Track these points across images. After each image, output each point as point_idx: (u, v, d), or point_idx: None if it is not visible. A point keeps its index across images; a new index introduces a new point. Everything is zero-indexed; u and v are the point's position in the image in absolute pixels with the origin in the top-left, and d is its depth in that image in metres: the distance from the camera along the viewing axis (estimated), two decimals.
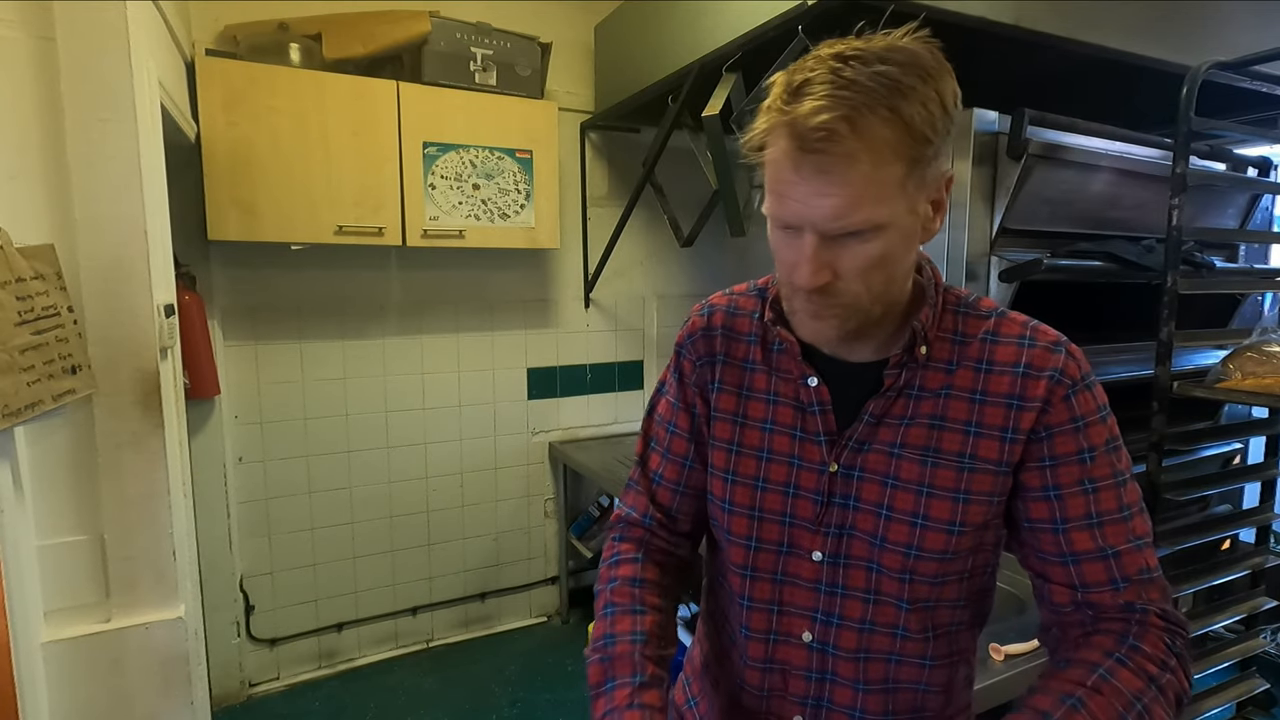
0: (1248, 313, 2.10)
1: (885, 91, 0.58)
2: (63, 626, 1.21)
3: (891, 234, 0.62)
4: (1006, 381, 0.69)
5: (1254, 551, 1.71)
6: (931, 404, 0.71)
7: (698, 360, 0.83)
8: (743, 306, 0.83)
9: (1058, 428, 0.68)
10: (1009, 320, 0.73)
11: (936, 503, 0.70)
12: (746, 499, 0.77)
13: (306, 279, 2.41)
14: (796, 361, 0.75)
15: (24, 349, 1.04)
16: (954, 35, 1.56)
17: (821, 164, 0.58)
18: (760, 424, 0.78)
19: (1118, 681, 0.62)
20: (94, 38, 1.16)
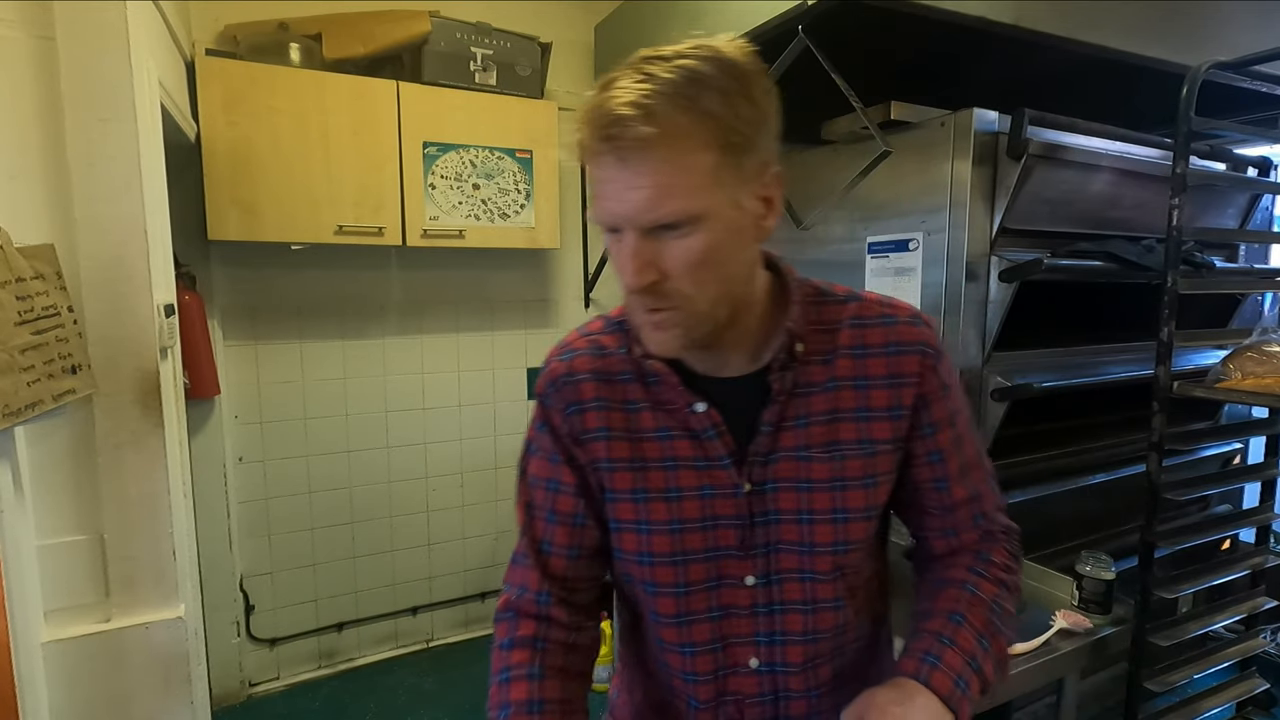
0: (1248, 313, 2.10)
1: (681, 81, 0.58)
2: (63, 626, 1.21)
3: (713, 227, 0.61)
4: (883, 363, 0.72)
5: (1254, 551, 1.71)
6: (823, 399, 0.72)
7: (566, 409, 0.75)
8: (606, 345, 0.76)
9: (931, 396, 0.74)
10: (866, 302, 0.75)
11: (851, 494, 0.72)
12: (666, 545, 0.72)
13: (306, 279, 2.41)
14: (678, 390, 0.71)
15: (24, 349, 1.04)
16: (954, 35, 1.58)
17: (621, 154, 0.58)
18: (660, 463, 0.73)
19: (982, 592, 0.74)
20: (94, 38, 1.16)
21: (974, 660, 0.69)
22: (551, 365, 0.78)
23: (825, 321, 0.74)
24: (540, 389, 0.78)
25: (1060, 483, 1.80)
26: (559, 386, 0.76)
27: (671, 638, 0.74)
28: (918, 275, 1.75)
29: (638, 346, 0.72)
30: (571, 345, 0.78)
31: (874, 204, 1.87)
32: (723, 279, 0.65)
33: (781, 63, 1.56)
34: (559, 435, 0.76)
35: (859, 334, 0.73)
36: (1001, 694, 1.24)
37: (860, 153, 1.76)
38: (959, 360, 1.67)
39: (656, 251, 0.61)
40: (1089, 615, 1.37)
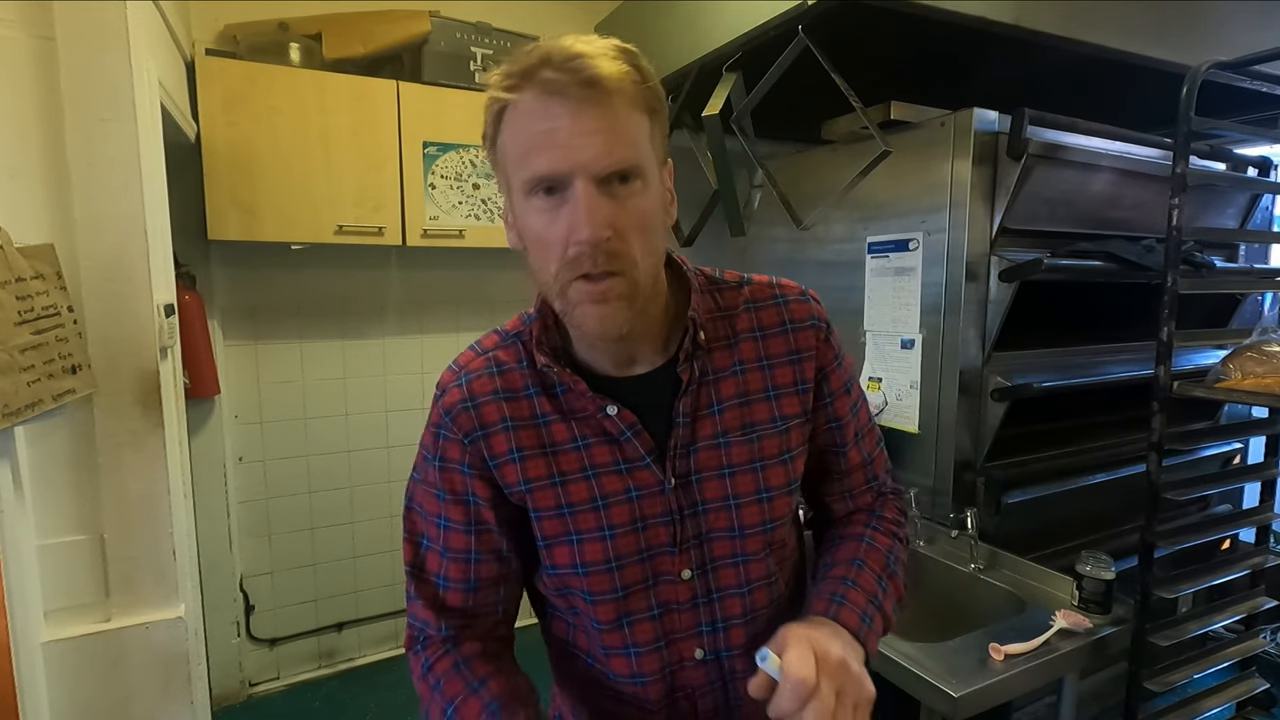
0: (1248, 313, 2.10)
1: (618, 50, 0.61)
2: (63, 626, 1.22)
3: (651, 188, 0.63)
4: (781, 341, 0.75)
5: (1254, 551, 1.71)
6: (731, 383, 0.73)
7: (465, 438, 0.71)
8: (504, 360, 0.74)
9: (828, 368, 0.77)
10: (757, 285, 0.78)
11: (771, 471, 0.74)
12: (599, 553, 0.71)
13: (306, 279, 2.41)
14: (587, 396, 0.70)
15: (24, 349, 1.04)
16: (954, 35, 1.58)
17: (583, 99, 0.58)
18: (581, 474, 0.71)
19: (877, 543, 0.79)
20: (94, 38, 1.16)
21: (875, 599, 0.73)
22: (449, 392, 0.73)
23: (723, 308, 0.76)
24: (435, 418, 0.74)
25: (1060, 483, 1.80)
26: (456, 415, 0.72)
27: (615, 642, 0.73)
28: (918, 275, 1.75)
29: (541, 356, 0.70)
30: (468, 367, 0.74)
31: (874, 204, 1.88)
32: (657, 248, 0.65)
33: (781, 63, 1.56)
34: (451, 469, 0.72)
35: (755, 316, 0.76)
36: (1001, 694, 1.25)
37: (860, 153, 1.76)
38: (959, 360, 1.67)
39: (607, 208, 0.60)
40: (1089, 615, 1.37)
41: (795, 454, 0.76)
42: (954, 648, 1.30)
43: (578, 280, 0.61)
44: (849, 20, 1.46)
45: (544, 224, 0.61)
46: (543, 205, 0.61)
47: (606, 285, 0.61)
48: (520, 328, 0.76)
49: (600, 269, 0.60)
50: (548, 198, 0.61)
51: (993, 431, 1.68)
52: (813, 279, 2.12)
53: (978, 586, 1.61)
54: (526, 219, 0.63)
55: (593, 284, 0.61)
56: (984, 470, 1.71)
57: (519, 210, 0.64)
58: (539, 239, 0.62)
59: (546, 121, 0.58)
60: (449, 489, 0.73)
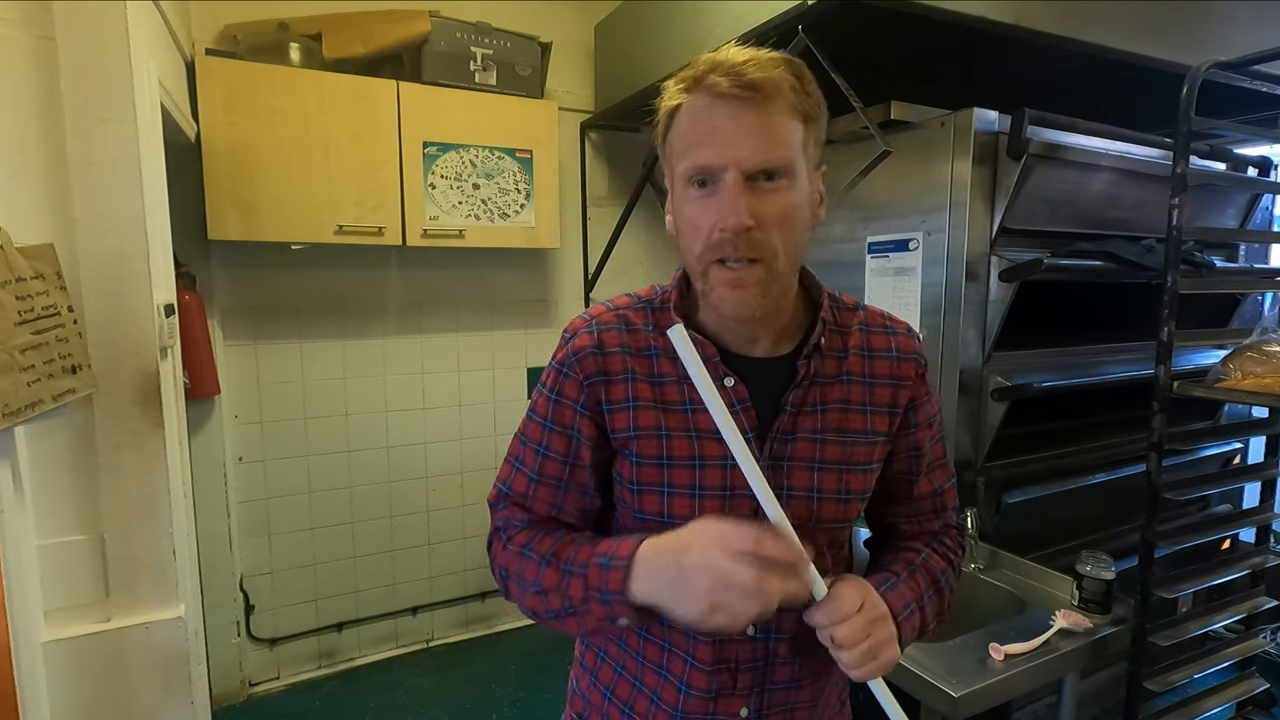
0: (1248, 313, 2.10)
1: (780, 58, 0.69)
2: (63, 626, 1.21)
3: (799, 189, 0.69)
4: (887, 365, 0.81)
5: (1254, 551, 1.71)
6: (837, 389, 0.79)
7: (586, 380, 0.77)
8: (634, 321, 0.80)
9: (920, 399, 0.83)
10: (870, 312, 0.84)
11: (854, 477, 0.78)
12: (687, 508, 0.75)
13: (306, 279, 2.41)
14: (712, 363, 0.74)
15: (24, 349, 1.04)
16: (954, 35, 1.58)
17: (745, 104, 0.65)
18: (685, 434, 0.76)
19: (933, 561, 0.84)
20: (94, 38, 1.16)
21: (920, 600, 0.78)
22: (579, 338, 0.79)
23: (840, 323, 0.82)
24: (561, 357, 0.79)
25: (1060, 483, 1.80)
26: (582, 357, 0.77)
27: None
28: (918, 275, 1.75)
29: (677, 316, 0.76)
30: (599, 318, 0.80)
31: (874, 204, 1.87)
32: (797, 243, 0.71)
33: None
34: (565, 405, 0.78)
35: (867, 338, 0.82)
36: (1001, 694, 1.25)
37: (860, 153, 1.76)
38: (959, 360, 1.67)
39: (752, 201, 0.66)
40: (1089, 615, 1.37)
41: (875, 467, 0.81)
42: (954, 648, 1.30)
43: (716, 264, 0.69)
44: (849, 20, 1.46)
45: (696, 211, 0.69)
46: (697, 194, 0.69)
47: (744, 271, 0.68)
48: (653, 296, 0.82)
49: (740, 254, 0.67)
50: (701, 188, 0.68)
51: (993, 431, 1.68)
52: None
53: (978, 586, 1.61)
54: (682, 206, 0.71)
55: (730, 271, 0.69)
56: (984, 470, 1.71)
57: (678, 198, 0.72)
58: (690, 223, 0.70)
59: (710, 120, 0.67)
60: (557, 421, 0.79)
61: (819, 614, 0.68)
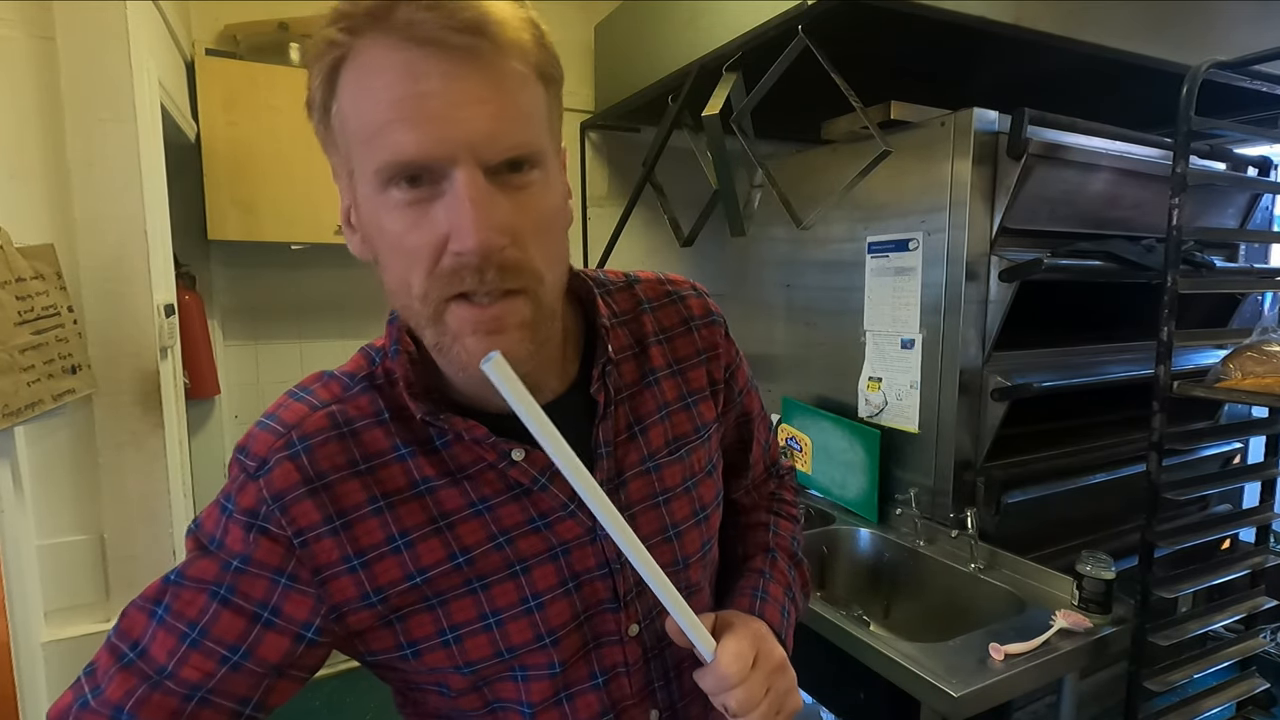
0: (1248, 312, 2.10)
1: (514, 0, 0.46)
2: (63, 626, 1.22)
3: (550, 179, 0.49)
4: (687, 342, 0.67)
5: (1254, 551, 1.71)
6: (650, 395, 0.63)
7: (300, 535, 0.51)
8: (356, 416, 0.54)
9: (734, 364, 0.71)
10: (646, 283, 0.69)
11: (703, 487, 0.65)
12: (528, 631, 0.56)
13: (306, 279, 2.41)
14: (486, 445, 0.54)
15: (24, 349, 1.04)
16: (954, 35, 1.58)
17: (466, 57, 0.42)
18: (489, 544, 0.55)
19: (782, 531, 0.78)
20: (94, 38, 1.16)
21: (790, 590, 0.72)
22: (272, 468, 0.51)
23: (619, 313, 0.64)
24: (247, 502, 0.51)
25: (1060, 483, 1.80)
26: (289, 502, 0.51)
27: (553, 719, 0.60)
28: (918, 275, 1.75)
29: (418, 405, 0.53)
30: (301, 428, 0.53)
31: (874, 204, 1.88)
32: (562, 258, 0.52)
33: (781, 63, 1.56)
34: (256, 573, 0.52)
35: (655, 318, 0.66)
36: (1001, 694, 1.25)
37: (860, 153, 1.76)
38: (959, 360, 1.67)
39: (499, 208, 0.45)
40: (1089, 615, 1.37)
41: (717, 461, 0.69)
42: (954, 648, 1.30)
43: (456, 302, 0.46)
44: (849, 20, 1.46)
45: (406, 226, 0.45)
46: (404, 199, 0.45)
47: (500, 309, 0.46)
48: (370, 368, 0.57)
49: (490, 287, 0.45)
50: (412, 189, 0.45)
51: (993, 431, 1.68)
52: (813, 279, 2.13)
53: (978, 586, 1.61)
54: (379, 218, 0.46)
55: (480, 309, 0.46)
56: (984, 470, 1.71)
57: (367, 206, 0.47)
58: (398, 246, 0.46)
59: (410, 83, 0.42)
60: (240, 595, 0.51)
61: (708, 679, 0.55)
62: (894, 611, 1.81)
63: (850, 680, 1.51)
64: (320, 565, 0.52)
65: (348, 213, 0.52)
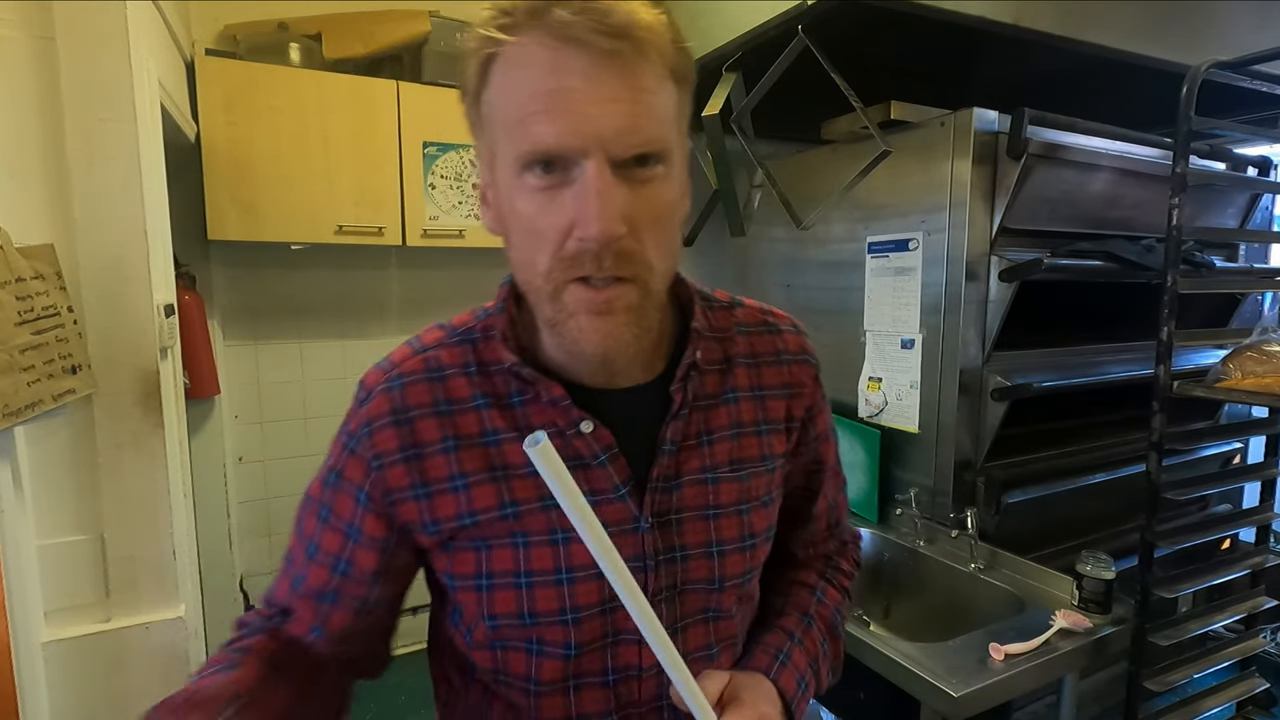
0: (1248, 312, 2.10)
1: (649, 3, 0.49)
2: (63, 626, 1.22)
3: (674, 178, 0.52)
4: (776, 373, 0.67)
5: (1254, 551, 1.71)
6: (724, 412, 0.63)
7: (377, 461, 0.58)
8: (447, 363, 0.60)
9: (818, 408, 0.71)
10: (748, 309, 0.69)
11: (756, 515, 0.64)
12: (554, 601, 0.57)
13: (306, 279, 2.41)
14: (561, 408, 0.57)
15: (24, 349, 1.04)
16: (954, 35, 1.58)
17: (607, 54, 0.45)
18: (539, 504, 0.57)
19: (828, 599, 0.74)
20: (94, 38, 1.16)
21: (815, 663, 0.68)
22: (374, 399, 0.59)
23: (716, 328, 0.65)
24: (351, 426, 0.61)
25: (1060, 483, 1.80)
26: (377, 429, 0.58)
27: (555, 711, 0.60)
28: (918, 275, 1.75)
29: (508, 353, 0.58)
30: (400, 368, 0.61)
31: (874, 204, 1.87)
32: (675, 252, 0.54)
33: (781, 63, 1.56)
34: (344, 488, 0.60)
35: (750, 341, 0.67)
36: (1001, 694, 1.25)
37: (860, 153, 1.76)
38: (959, 360, 1.67)
39: (622, 199, 0.48)
40: (1089, 615, 1.37)
41: (775, 497, 0.67)
42: (954, 648, 1.30)
43: (575, 284, 0.50)
44: (849, 20, 1.46)
45: (537, 208, 0.49)
46: (538, 184, 0.49)
47: (612, 293, 0.50)
48: (473, 323, 0.62)
49: (607, 273, 0.49)
50: (545, 175, 0.48)
51: (993, 431, 1.68)
52: (813, 279, 2.13)
53: (978, 586, 1.61)
54: (514, 200, 0.50)
55: (595, 291, 0.49)
56: (984, 470, 1.71)
57: (505, 187, 0.51)
58: (528, 227, 0.50)
59: (555, 78, 0.46)
60: (335, 511, 0.60)
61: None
62: (894, 611, 1.81)
63: (850, 680, 1.50)
64: (390, 489, 0.58)
65: (484, 191, 0.57)
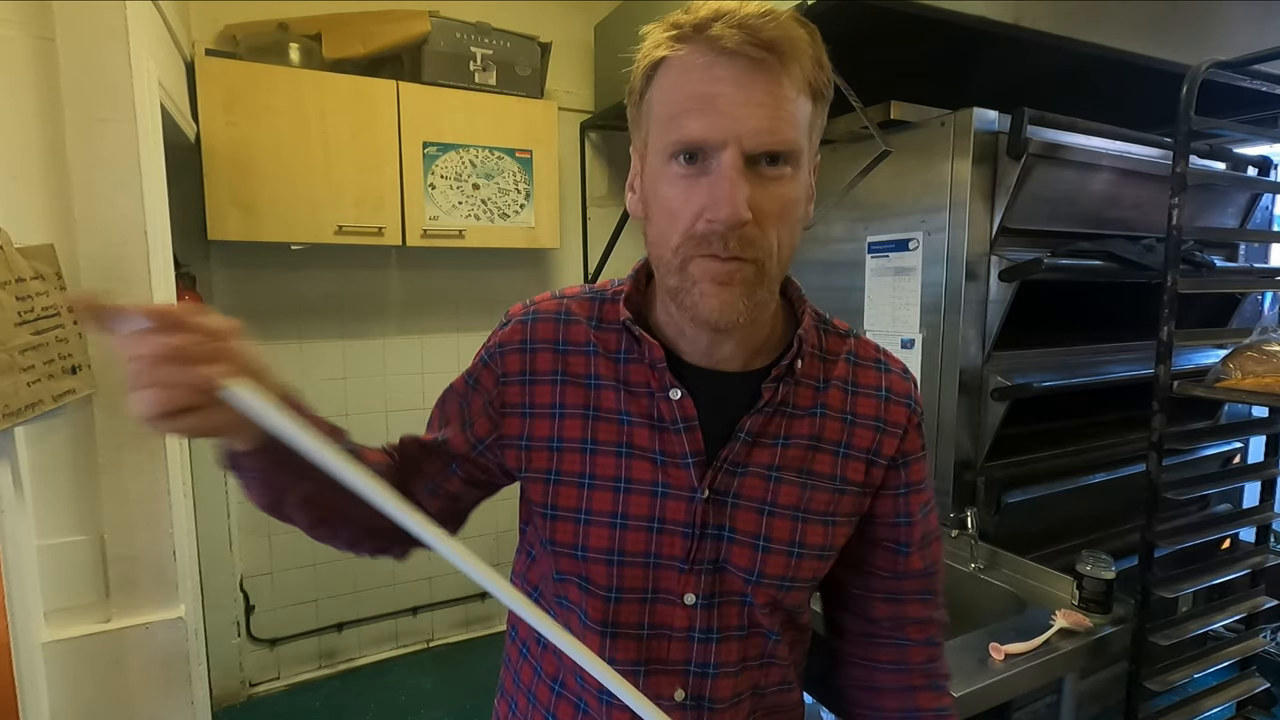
0: (1248, 312, 2.10)
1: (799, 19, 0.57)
2: (63, 626, 1.21)
3: (800, 177, 0.58)
4: (872, 405, 0.69)
5: (1254, 551, 1.71)
6: (808, 423, 0.67)
7: (503, 378, 0.68)
8: (575, 312, 0.69)
9: (912, 455, 0.72)
10: (863, 342, 0.73)
11: (811, 529, 0.66)
12: (605, 540, 0.64)
13: (306, 279, 2.41)
14: (656, 370, 0.64)
15: (24, 349, 1.04)
16: (954, 35, 1.58)
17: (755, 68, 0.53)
18: (614, 448, 0.65)
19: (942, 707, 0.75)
20: (94, 38, 1.16)
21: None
22: (512, 325, 0.70)
23: (824, 349, 0.70)
24: (490, 342, 0.71)
25: (1060, 482, 1.80)
26: (508, 351, 0.68)
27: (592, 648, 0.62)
28: (918, 275, 1.75)
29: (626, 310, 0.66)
30: (539, 305, 0.70)
31: (874, 204, 1.87)
32: (792, 245, 0.60)
33: None
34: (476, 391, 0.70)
35: (853, 370, 0.70)
36: (1001, 694, 1.24)
37: (860, 153, 1.76)
38: (959, 360, 1.67)
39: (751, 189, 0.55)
40: (1089, 615, 1.37)
41: (840, 521, 0.69)
42: (954, 648, 1.30)
43: (702, 257, 0.57)
44: (849, 20, 1.46)
45: (678, 192, 0.57)
46: (681, 172, 0.57)
47: (731, 268, 0.56)
48: (607, 288, 0.71)
49: (730, 253, 0.56)
50: (688, 165, 0.56)
51: (993, 431, 1.68)
52: (813, 279, 2.13)
53: (978, 586, 1.61)
54: (658, 184, 0.58)
55: (719, 262, 0.56)
56: (984, 470, 1.71)
57: (651, 174, 0.60)
58: (668, 208, 0.58)
59: (709, 84, 0.54)
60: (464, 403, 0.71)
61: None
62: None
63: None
64: (507, 402, 0.68)
65: (632, 180, 0.65)
